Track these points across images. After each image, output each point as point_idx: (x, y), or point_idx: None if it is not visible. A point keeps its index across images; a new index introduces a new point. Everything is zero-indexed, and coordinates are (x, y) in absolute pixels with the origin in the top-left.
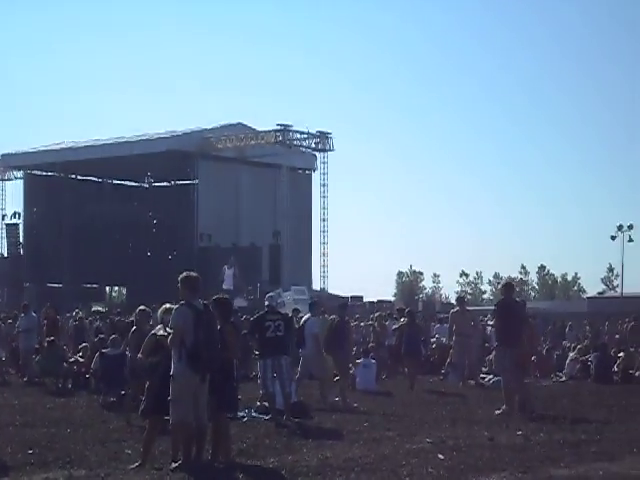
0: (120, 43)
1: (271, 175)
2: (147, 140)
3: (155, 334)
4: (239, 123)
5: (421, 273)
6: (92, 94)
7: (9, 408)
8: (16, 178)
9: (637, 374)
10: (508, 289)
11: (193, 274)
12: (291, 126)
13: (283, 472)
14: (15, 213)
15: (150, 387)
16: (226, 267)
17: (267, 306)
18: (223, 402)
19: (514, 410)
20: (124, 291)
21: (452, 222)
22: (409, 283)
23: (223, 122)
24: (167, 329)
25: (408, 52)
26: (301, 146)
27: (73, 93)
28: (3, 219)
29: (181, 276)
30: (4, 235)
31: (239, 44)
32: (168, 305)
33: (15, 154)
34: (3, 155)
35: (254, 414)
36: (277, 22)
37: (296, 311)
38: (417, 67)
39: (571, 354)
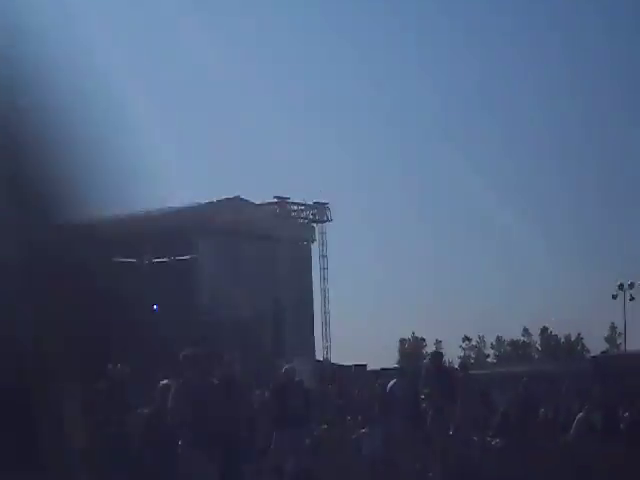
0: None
1: (270, 247)
2: (143, 216)
3: None
4: (236, 197)
5: (423, 339)
6: None
7: None
8: None
9: None
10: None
11: (193, 351)
12: (288, 198)
13: None
14: None
15: None
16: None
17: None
18: None
19: None
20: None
21: (453, 287)
22: (412, 350)
23: (220, 196)
24: None
25: (404, 119)
26: (299, 217)
27: None
28: None
29: (182, 354)
30: None
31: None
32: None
33: None
34: None
35: None
36: (273, 91)
37: (300, 382)
38: (413, 133)
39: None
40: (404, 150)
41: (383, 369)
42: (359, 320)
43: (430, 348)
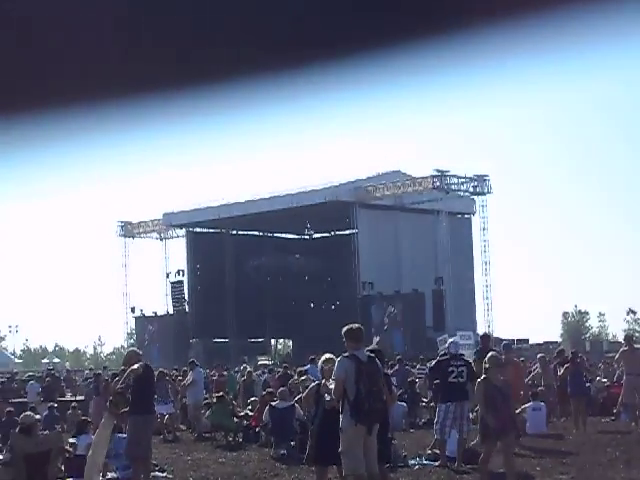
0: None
1: (430, 221)
2: (305, 192)
3: (319, 384)
4: (396, 170)
5: (587, 313)
6: (248, 149)
7: (182, 464)
8: (178, 236)
9: None
10: None
11: (355, 325)
12: (448, 171)
13: None
14: (179, 270)
15: (311, 436)
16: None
17: (450, 352)
18: (380, 452)
19: None
20: (289, 343)
21: (617, 259)
22: (575, 323)
23: (380, 170)
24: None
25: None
26: (459, 190)
27: (228, 149)
28: (168, 277)
29: (344, 329)
30: (169, 293)
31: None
32: (328, 355)
33: (176, 213)
34: (165, 214)
35: (425, 461)
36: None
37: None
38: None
39: None
40: (563, 121)
41: (546, 342)
42: (521, 293)
43: (593, 321)
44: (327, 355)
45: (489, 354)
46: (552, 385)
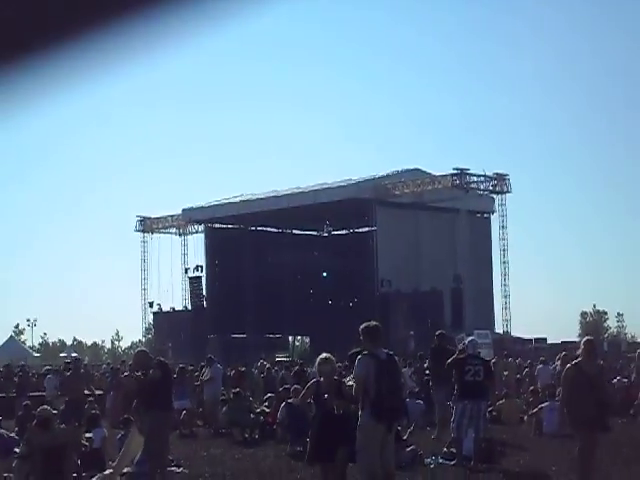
0: (293, 97)
1: (449, 219)
2: (324, 189)
3: (318, 382)
4: (415, 168)
5: (605, 313)
6: (266, 147)
7: (199, 459)
8: (197, 232)
9: None
10: None
11: (373, 323)
12: (468, 169)
13: None
14: (197, 266)
15: (310, 436)
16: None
17: (467, 351)
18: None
19: None
20: (307, 340)
21: (637, 259)
22: (593, 323)
23: (400, 168)
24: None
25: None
26: (478, 189)
27: (247, 148)
28: (186, 273)
29: (361, 326)
30: (187, 288)
31: (412, 88)
32: (325, 355)
33: (195, 208)
34: (184, 210)
35: (441, 460)
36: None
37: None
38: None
39: None
40: (581, 119)
41: (564, 342)
42: (539, 293)
43: (612, 321)
44: (324, 355)
45: (585, 338)
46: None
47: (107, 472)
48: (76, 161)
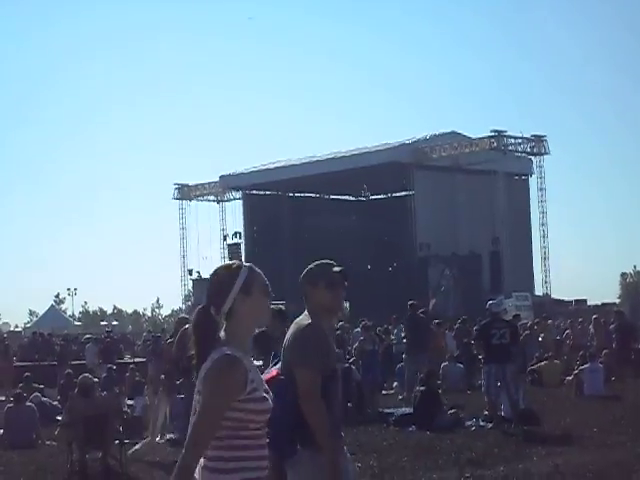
0: (331, 60)
1: (487, 182)
2: (362, 154)
3: None
4: (453, 131)
5: None
6: (303, 112)
7: None
8: (235, 199)
9: None
10: None
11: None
12: (505, 131)
13: None
14: (236, 233)
15: None
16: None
17: (492, 314)
18: None
19: None
20: (347, 305)
21: None
22: (633, 284)
23: (436, 131)
24: None
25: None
26: (516, 151)
27: (286, 112)
28: (225, 239)
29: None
30: (226, 255)
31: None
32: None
33: (233, 175)
34: (222, 177)
35: (482, 423)
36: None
37: (517, 317)
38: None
39: None
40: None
41: (604, 304)
42: (579, 254)
43: None
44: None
45: None
46: (603, 347)
47: (148, 439)
48: (116, 130)
